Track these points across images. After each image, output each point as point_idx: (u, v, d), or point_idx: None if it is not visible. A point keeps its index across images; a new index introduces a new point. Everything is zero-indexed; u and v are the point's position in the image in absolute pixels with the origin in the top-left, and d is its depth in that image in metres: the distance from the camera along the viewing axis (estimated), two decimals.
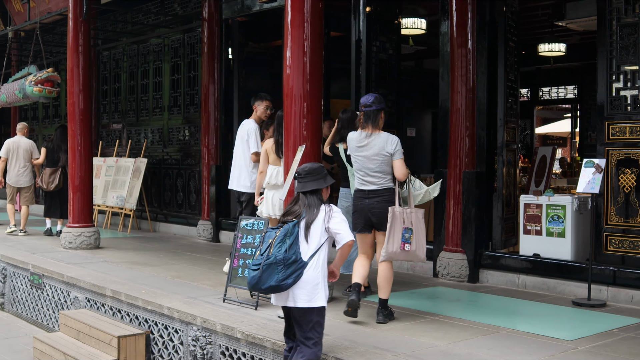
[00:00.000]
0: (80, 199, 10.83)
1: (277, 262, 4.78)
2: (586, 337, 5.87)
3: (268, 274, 4.78)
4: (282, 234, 4.86)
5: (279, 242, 4.83)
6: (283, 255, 4.79)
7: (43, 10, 12.67)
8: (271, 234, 4.94)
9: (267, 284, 4.79)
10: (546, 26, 13.38)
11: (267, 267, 4.77)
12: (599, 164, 7.16)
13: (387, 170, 6.41)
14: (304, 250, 4.91)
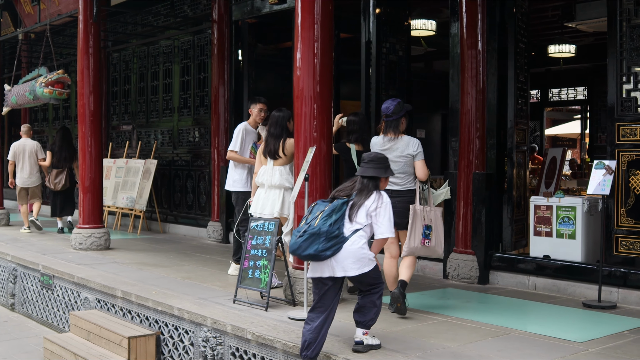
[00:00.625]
0: (91, 200, 10.87)
1: (320, 234, 5.13)
2: (597, 338, 5.86)
3: (309, 242, 5.13)
4: (330, 209, 5.23)
5: (326, 216, 5.19)
6: (327, 229, 5.15)
7: (53, 12, 12.72)
8: (320, 206, 5.32)
9: (307, 252, 5.15)
10: (556, 27, 13.35)
11: (309, 236, 5.14)
12: (610, 166, 7.15)
13: (410, 171, 6.80)
14: (347, 228, 5.27)
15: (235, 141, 8.61)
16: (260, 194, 7.81)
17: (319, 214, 5.24)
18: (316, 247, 5.14)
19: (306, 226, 5.21)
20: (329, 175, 7.07)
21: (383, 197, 5.41)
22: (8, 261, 10.30)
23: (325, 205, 5.31)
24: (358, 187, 5.43)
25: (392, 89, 10.16)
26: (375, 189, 5.46)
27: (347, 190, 5.44)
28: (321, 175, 6.92)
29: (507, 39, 8.58)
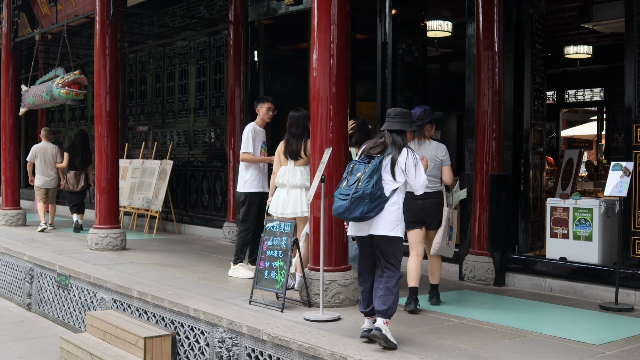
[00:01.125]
0: (107, 200, 10.91)
1: (365, 196, 5.36)
2: (614, 341, 5.83)
3: (355, 205, 5.37)
4: (371, 170, 5.44)
5: (367, 177, 5.41)
6: (370, 190, 5.37)
7: (70, 13, 12.78)
8: (360, 168, 5.52)
9: (353, 214, 5.41)
10: (573, 28, 13.30)
11: (355, 199, 5.37)
12: (627, 167, 7.11)
13: (438, 174, 7.04)
14: (387, 185, 5.53)
15: (247, 143, 8.58)
16: (281, 194, 7.86)
17: (360, 175, 5.43)
18: (361, 209, 5.38)
19: (348, 189, 5.43)
20: None
21: (413, 153, 5.69)
22: (25, 261, 10.36)
23: (365, 166, 5.51)
24: (389, 142, 5.64)
25: (408, 90, 10.14)
26: (404, 143, 5.69)
27: (379, 146, 5.64)
28: (337, 175, 6.91)
29: (523, 40, 8.55)
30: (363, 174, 5.45)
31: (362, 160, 5.63)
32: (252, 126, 8.70)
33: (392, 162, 5.58)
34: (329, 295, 6.80)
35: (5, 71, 14.42)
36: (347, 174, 5.63)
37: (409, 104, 10.02)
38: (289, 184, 7.79)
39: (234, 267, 8.70)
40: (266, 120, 8.83)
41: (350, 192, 5.41)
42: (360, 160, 5.64)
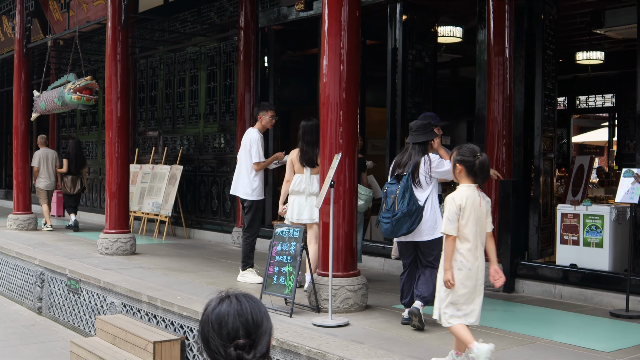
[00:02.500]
0: (117, 205, 10.94)
1: (403, 216, 6.05)
2: (624, 348, 5.80)
3: (399, 226, 6.09)
4: (402, 190, 6.09)
5: (401, 198, 6.06)
6: (407, 209, 6.05)
7: (82, 19, 12.84)
8: (392, 190, 6.18)
9: (399, 232, 6.14)
10: (584, 34, 13.26)
11: (396, 221, 6.07)
12: (638, 174, 7.07)
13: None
14: (419, 195, 6.16)
15: (259, 152, 8.61)
16: (296, 200, 7.98)
17: (394, 197, 6.09)
18: (406, 226, 6.09)
19: (387, 212, 6.13)
20: (354, 181, 7.06)
21: (430, 156, 6.28)
22: (36, 265, 10.40)
23: (396, 187, 6.14)
24: (409, 157, 6.29)
25: (418, 95, 10.14)
26: (424, 153, 6.31)
27: (403, 162, 6.32)
28: (347, 181, 6.92)
29: (534, 45, 8.53)
30: (396, 196, 6.10)
31: (392, 182, 6.28)
32: (258, 134, 8.71)
33: (414, 172, 6.23)
34: (338, 300, 6.79)
35: (18, 77, 14.49)
36: (383, 197, 6.29)
37: (418, 110, 10.02)
38: (306, 191, 7.92)
39: (243, 272, 8.73)
40: (268, 127, 8.92)
41: (390, 215, 6.11)
42: (390, 182, 6.30)
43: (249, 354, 2.15)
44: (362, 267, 8.23)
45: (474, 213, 5.04)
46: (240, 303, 2.23)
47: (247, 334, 2.18)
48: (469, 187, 5.11)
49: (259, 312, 2.23)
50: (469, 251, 5.06)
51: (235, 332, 2.17)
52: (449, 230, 5.02)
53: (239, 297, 2.25)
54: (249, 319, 2.20)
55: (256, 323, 2.20)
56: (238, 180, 8.85)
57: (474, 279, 5.09)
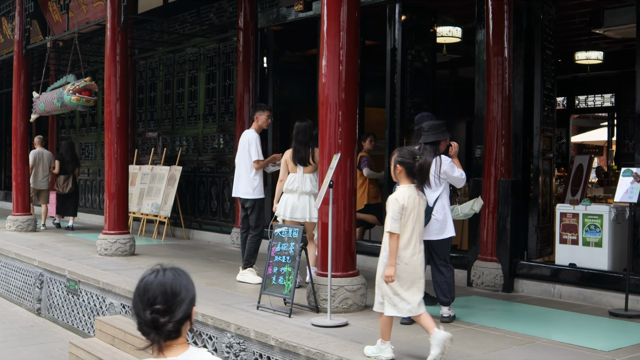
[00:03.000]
0: (117, 206, 10.94)
1: None
2: (623, 348, 5.80)
3: None
4: None
5: None
6: None
7: (81, 20, 12.84)
8: None
9: None
10: (583, 34, 13.26)
11: None
12: (638, 173, 7.08)
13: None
14: (429, 196, 6.17)
15: (258, 150, 8.74)
16: (290, 199, 8.13)
17: None
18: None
19: None
20: (353, 181, 7.07)
21: (442, 158, 6.48)
22: (35, 266, 10.39)
23: None
24: (424, 155, 6.27)
25: (417, 96, 10.14)
26: (436, 153, 6.51)
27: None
28: (345, 181, 6.92)
29: (533, 45, 8.54)
30: None
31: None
32: (255, 134, 8.84)
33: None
34: (337, 300, 6.79)
35: (17, 78, 14.49)
36: None
37: (417, 110, 10.02)
38: (299, 190, 8.07)
39: (243, 271, 8.75)
40: (264, 127, 9.04)
41: None
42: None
43: (164, 317, 2.43)
44: (361, 267, 8.22)
45: (414, 211, 5.37)
46: (165, 274, 2.53)
47: (165, 301, 2.46)
48: (409, 187, 5.42)
49: (179, 283, 2.50)
50: (406, 248, 5.34)
51: (154, 298, 2.46)
52: (394, 229, 5.28)
53: (167, 269, 2.55)
54: (167, 288, 2.47)
55: (174, 292, 2.47)
56: (238, 181, 8.92)
57: (412, 272, 5.34)
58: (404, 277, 5.30)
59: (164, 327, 2.46)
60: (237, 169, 9.00)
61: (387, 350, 5.31)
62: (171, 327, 2.47)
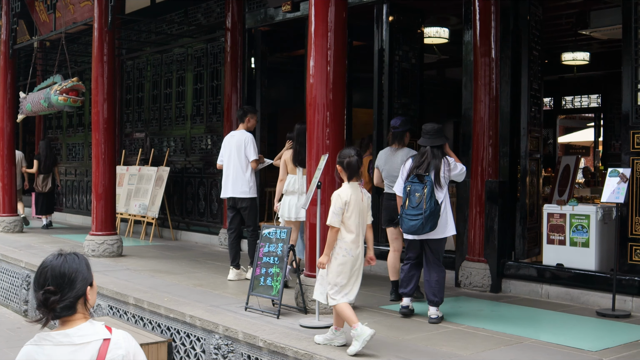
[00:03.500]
0: (104, 207, 10.90)
1: (431, 214, 6.40)
2: (611, 348, 5.82)
3: (426, 222, 6.40)
4: (430, 191, 6.45)
5: (429, 198, 6.42)
6: (434, 208, 6.42)
7: (68, 21, 12.79)
8: (417, 188, 6.51)
9: (425, 230, 6.47)
10: (570, 35, 13.31)
11: (425, 219, 6.40)
12: (624, 174, 7.11)
13: None
14: (438, 196, 6.54)
15: (256, 151, 9.01)
16: (292, 200, 8.31)
17: (419, 195, 6.45)
18: (430, 225, 6.45)
19: (413, 209, 6.45)
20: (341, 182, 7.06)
21: (448, 159, 6.74)
22: (22, 267, 10.35)
23: (421, 186, 6.49)
24: (431, 158, 6.65)
25: (404, 96, 10.15)
26: (443, 155, 6.73)
27: (424, 165, 6.63)
28: (334, 182, 6.91)
29: (520, 46, 8.55)
30: (422, 194, 6.45)
31: (414, 180, 6.58)
32: (251, 135, 9.07)
33: (436, 174, 6.60)
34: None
35: (4, 78, 14.40)
36: (405, 195, 6.59)
37: (405, 111, 10.04)
38: (299, 191, 8.24)
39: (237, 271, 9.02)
40: (252, 130, 9.28)
41: (418, 212, 6.43)
42: (412, 180, 6.59)
43: (54, 296, 2.73)
44: None
45: (357, 207, 5.67)
46: (59, 259, 2.83)
47: (55, 283, 2.76)
48: (352, 184, 5.75)
49: (71, 267, 2.79)
50: (352, 242, 5.66)
51: (45, 280, 2.77)
52: (333, 223, 5.62)
53: (65, 255, 2.85)
54: (58, 271, 2.77)
55: (62, 274, 2.76)
56: (233, 182, 9.00)
57: (356, 264, 5.69)
58: (351, 268, 5.66)
59: (54, 305, 2.74)
60: (228, 169, 9.05)
61: (366, 330, 5.43)
62: (62, 305, 2.75)
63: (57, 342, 2.76)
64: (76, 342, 2.76)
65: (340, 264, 5.65)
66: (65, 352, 2.75)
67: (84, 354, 2.76)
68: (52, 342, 2.76)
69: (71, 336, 2.77)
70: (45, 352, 2.75)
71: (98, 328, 2.84)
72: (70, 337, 2.77)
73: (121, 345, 2.84)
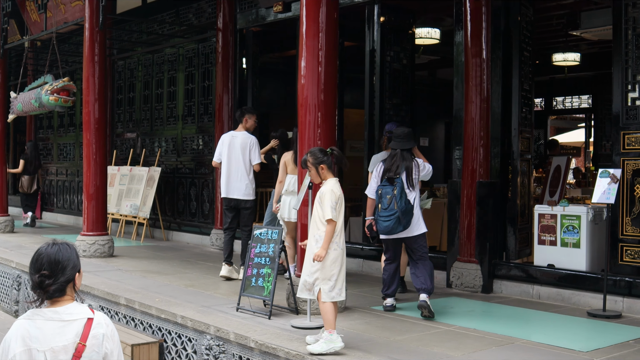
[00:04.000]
0: (95, 207, 10.87)
1: (402, 213, 6.72)
2: (602, 348, 5.84)
3: (397, 223, 6.73)
4: (399, 191, 6.78)
5: (399, 199, 6.74)
6: (405, 207, 6.74)
7: (59, 20, 12.75)
8: (388, 191, 6.83)
9: (398, 230, 6.79)
10: (561, 36, 13.35)
11: (396, 219, 6.72)
12: (615, 174, 7.13)
13: None
14: (410, 196, 6.85)
15: (260, 154, 9.09)
16: (293, 201, 8.35)
17: (390, 197, 6.76)
18: (404, 224, 6.77)
19: (385, 211, 6.77)
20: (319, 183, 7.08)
21: (418, 161, 7.05)
22: (12, 268, 10.31)
23: (392, 188, 6.81)
24: (401, 160, 6.96)
25: (396, 97, 10.16)
26: (413, 157, 7.03)
27: (394, 167, 6.93)
28: None
29: (511, 47, 8.57)
30: (393, 196, 6.77)
31: (384, 183, 6.92)
32: (255, 137, 9.15)
33: (408, 175, 6.92)
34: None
35: None
36: (377, 198, 6.91)
37: (396, 111, 10.06)
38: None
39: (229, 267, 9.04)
40: (251, 130, 9.24)
41: (390, 213, 6.74)
42: (383, 184, 6.93)
43: (49, 280, 3.15)
44: None
45: (342, 202, 5.81)
46: (54, 248, 3.23)
47: (50, 268, 3.17)
48: (336, 180, 5.84)
49: (63, 255, 3.21)
50: (341, 234, 5.78)
51: (41, 265, 3.18)
52: (334, 217, 5.64)
53: (57, 244, 3.26)
54: (52, 257, 3.18)
55: (56, 261, 3.18)
56: (238, 183, 8.98)
57: (344, 255, 5.80)
58: (341, 261, 5.74)
59: (48, 287, 3.15)
60: (229, 169, 9.00)
61: (338, 340, 5.46)
62: (55, 287, 3.16)
63: (47, 318, 3.15)
64: (65, 318, 3.17)
65: (333, 258, 5.68)
66: (54, 327, 3.14)
67: (71, 329, 3.16)
68: (43, 318, 3.15)
69: (60, 313, 3.17)
70: (36, 326, 3.13)
71: (84, 308, 3.26)
72: (59, 314, 3.17)
73: (102, 324, 3.25)
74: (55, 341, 3.13)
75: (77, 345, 3.15)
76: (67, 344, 3.14)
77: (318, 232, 5.72)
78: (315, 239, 5.73)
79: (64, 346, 3.14)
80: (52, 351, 3.11)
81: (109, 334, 3.26)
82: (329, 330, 5.51)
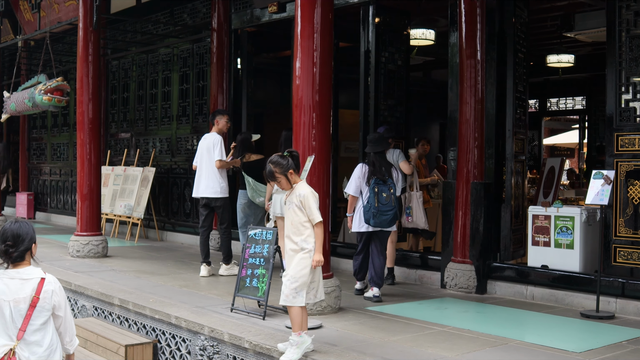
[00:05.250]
0: (89, 207, 10.86)
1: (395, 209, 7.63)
2: (595, 349, 5.85)
3: (394, 217, 7.63)
4: (394, 191, 7.65)
5: (394, 195, 7.59)
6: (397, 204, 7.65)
7: (53, 20, 12.73)
8: (384, 189, 7.54)
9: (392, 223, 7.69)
10: (555, 37, 13.38)
11: (394, 214, 7.57)
12: (608, 176, 7.15)
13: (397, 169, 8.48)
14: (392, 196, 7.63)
15: (222, 151, 9.36)
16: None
17: (388, 195, 7.51)
18: (395, 218, 7.65)
19: (384, 206, 7.51)
20: (327, 183, 7.08)
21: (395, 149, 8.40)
22: None
23: (386, 187, 7.56)
24: (384, 164, 7.77)
25: (390, 98, 10.17)
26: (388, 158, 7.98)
27: (377, 169, 7.64)
28: (320, 183, 6.92)
29: (506, 48, 8.59)
30: (389, 194, 7.54)
31: (378, 182, 7.57)
32: (219, 136, 9.44)
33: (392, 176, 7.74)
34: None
35: None
36: (373, 194, 7.54)
37: (391, 112, 10.07)
38: None
39: (228, 266, 9.33)
40: (224, 131, 9.67)
41: (389, 208, 7.51)
42: (377, 182, 7.57)
43: (12, 249, 4.10)
44: (335, 269, 8.27)
45: None
46: (15, 224, 4.18)
47: (13, 239, 4.11)
48: (304, 181, 5.90)
49: (22, 230, 4.16)
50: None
51: (6, 237, 4.13)
52: (320, 218, 5.62)
53: (19, 222, 4.22)
54: (15, 231, 4.13)
55: (18, 234, 4.13)
56: (205, 182, 9.39)
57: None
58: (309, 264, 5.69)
59: (11, 254, 4.11)
60: (200, 170, 9.45)
61: (308, 339, 5.50)
62: (16, 254, 4.12)
63: (11, 277, 4.13)
64: (24, 277, 4.14)
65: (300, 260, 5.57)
66: (16, 284, 4.11)
67: (29, 285, 4.12)
68: (8, 277, 4.13)
69: (21, 274, 4.14)
70: (4, 282, 4.11)
71: (38, 270, 4.18)
72: (20, 274, 4.14)
73: (52, 282, 4.20)
74: (17, 294, 4.11)
75: (33, 297, 4.10)
76: (26, 296, 4.10)
77: (300, 237, 5.57)
78: (300, 246, 5.57)
79: (23, 297, 4.10)
80: (15, 301, 4.09)
81: (57, 289, 4.20)
82: (299, 333, 5.45)
